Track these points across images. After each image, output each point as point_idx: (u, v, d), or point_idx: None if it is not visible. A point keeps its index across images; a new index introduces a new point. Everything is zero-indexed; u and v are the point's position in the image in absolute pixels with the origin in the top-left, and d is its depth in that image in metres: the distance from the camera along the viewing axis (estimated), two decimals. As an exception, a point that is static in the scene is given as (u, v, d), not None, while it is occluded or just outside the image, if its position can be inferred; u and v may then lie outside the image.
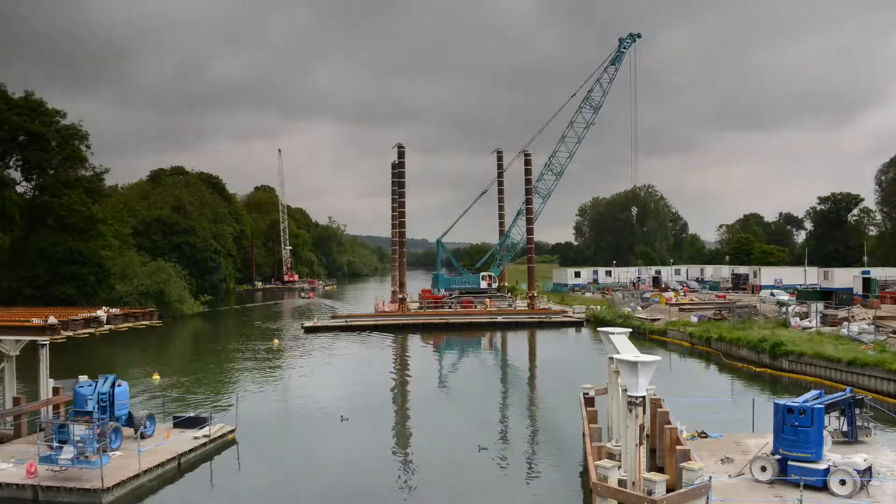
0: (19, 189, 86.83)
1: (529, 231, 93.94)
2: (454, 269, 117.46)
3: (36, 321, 28.97)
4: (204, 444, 29.19)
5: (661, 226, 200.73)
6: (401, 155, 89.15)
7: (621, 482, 19.35)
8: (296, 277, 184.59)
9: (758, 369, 48.47)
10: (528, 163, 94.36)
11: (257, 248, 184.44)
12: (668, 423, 24.31)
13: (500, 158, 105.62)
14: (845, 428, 26.06)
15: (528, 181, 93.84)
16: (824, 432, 22.42)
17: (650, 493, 17.94)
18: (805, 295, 73.45)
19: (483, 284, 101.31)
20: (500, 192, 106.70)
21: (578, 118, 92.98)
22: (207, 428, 30.27)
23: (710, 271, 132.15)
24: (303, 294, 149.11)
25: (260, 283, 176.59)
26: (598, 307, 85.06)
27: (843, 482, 20.51)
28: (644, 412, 21.12)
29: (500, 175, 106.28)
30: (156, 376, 47.28)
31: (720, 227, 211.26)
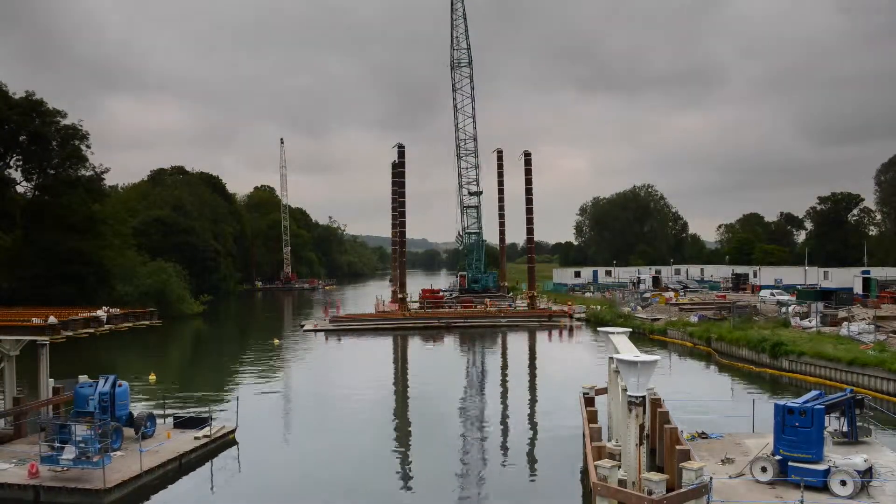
0: (20, 189, 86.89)
1: (529, 231, 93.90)
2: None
3: (36, 321, 28.90)
4: (205, 444, 29.20)
5: (662, 225, 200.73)
6: (401, 155, 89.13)
7: (621, 482, 19.36)
8: (295, 277, 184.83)
9: (758, 369, 48.48)
10: (528, 162, 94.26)
11: (257, 247, 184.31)
12: (668, 423, 24.30)
13: (500, 158, 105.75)
14: (846, 428, 26.04)
15: (528, 180, 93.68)
16: (825, 433, 22.42)
17: (650, 493, 17.96)
18: (805, 295, 73.41)
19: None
20: (501, 191, 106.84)
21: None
22: (208, 428, 30.29)
23: (711, 271, 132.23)
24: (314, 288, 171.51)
25: (260, 284, 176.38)
26: (599, 307, 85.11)
27: (843, 483, 20.52)
28: (644, 412, 21.16)
29: (500, 175, 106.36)
30: (152, 376, 47.33)
31: (720, 226, 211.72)
